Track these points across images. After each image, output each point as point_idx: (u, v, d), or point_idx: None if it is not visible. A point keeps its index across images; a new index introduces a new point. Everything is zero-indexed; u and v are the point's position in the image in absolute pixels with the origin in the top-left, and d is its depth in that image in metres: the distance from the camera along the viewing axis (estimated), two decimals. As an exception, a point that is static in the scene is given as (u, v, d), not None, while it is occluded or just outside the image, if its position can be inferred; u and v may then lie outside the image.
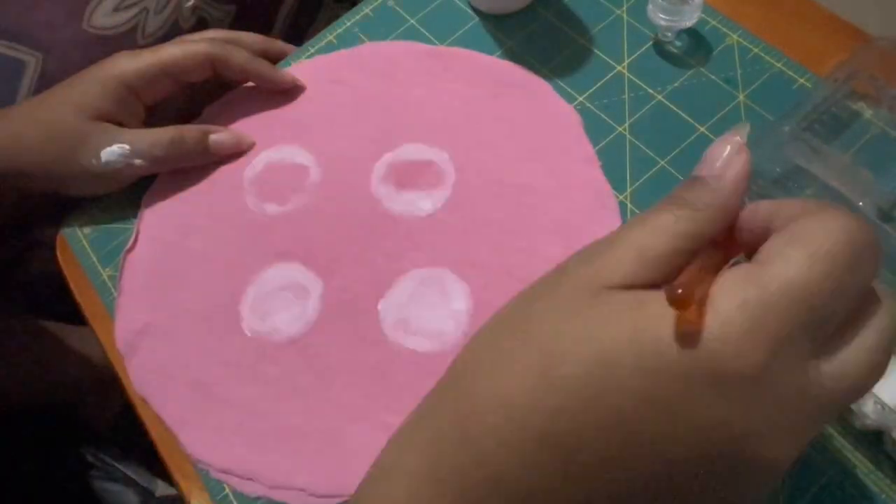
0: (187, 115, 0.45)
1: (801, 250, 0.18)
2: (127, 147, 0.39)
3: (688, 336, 0.18)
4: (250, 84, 0.45)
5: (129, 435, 0.63)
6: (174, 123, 0.42)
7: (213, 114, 0.45)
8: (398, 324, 0.36)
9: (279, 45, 0.47)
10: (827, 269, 0.18)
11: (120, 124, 0.40)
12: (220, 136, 0.42)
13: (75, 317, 0.42)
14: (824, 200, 0.34)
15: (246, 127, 0.44)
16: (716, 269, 0.20)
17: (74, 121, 0.39)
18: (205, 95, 0.45)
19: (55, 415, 0.65)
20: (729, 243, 0.22)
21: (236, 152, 0.42)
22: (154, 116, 0.43)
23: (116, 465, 0.64)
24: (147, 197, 0.42)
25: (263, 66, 0.43)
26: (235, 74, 0.43)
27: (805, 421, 0.18)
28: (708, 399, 0.18)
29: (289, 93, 0.44)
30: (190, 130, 0.41)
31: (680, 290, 0.17)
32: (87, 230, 0.42)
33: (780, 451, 0.18)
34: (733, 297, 0.18)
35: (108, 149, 0.39)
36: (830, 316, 0.18)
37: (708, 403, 0.18)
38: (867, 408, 0.29)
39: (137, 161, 0.40)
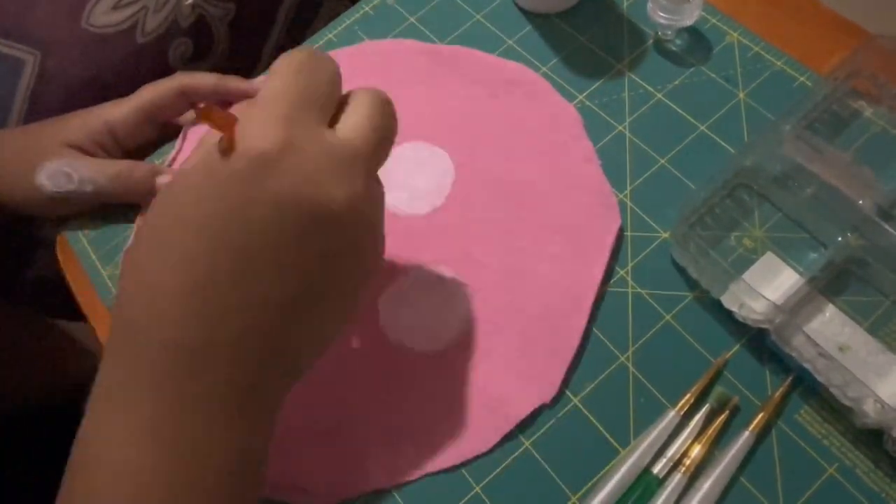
0: None
1: (273, 76, 0.26)
2: (72, 173, 0.39)
3: (225, 145, 0.24)
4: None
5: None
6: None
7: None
8: (398, 322, 0.36)
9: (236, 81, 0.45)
10: (294, 72, 0.26)
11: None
12: (167, 179, 0.41)
13: (76, 316, 0.42)
14: (824, 199, 0.34)
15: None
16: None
17: (46, 142, 0.40)
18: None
19: (55, 413, 0.65)
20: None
21: None
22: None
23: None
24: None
25: (232, 81, 0.43)
26: (208, 96, 0.42)
27: (344, 169, 0.25)
28: (265, 180, 0.23)
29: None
30: (140, 168, 0.41)
31: (202, 106, 0.23)
32: (87, 230, 0.42)
33: (340, 193, 0.24)
34: (243, 115, 0.24)
35: (50, 165, 0.39)
36: (317, 96, 0.26)
37: (268, 182, 0.23)
38: (867, 406, 0.29)
39: (84, 187, 0.39)
